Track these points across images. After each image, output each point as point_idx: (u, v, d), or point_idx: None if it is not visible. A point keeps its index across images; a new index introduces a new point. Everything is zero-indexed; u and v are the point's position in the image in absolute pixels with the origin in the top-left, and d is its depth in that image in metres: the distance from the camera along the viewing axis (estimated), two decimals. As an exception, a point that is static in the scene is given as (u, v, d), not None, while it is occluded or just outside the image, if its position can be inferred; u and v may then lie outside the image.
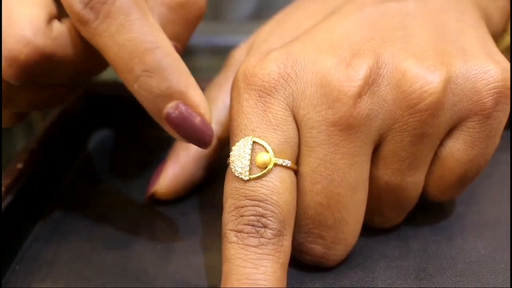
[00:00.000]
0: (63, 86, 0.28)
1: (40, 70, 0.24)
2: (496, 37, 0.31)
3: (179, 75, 0.23)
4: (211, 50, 0.41)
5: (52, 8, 0.24)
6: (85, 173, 0.35)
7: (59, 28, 0.24)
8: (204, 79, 0.33)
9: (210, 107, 0.31)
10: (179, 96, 0.23)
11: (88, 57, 0.25)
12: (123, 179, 0.34)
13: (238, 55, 0.31)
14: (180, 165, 0.30)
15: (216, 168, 0.32)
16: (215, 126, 0.30)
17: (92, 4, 0.22)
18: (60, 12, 0.25)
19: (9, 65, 0.23)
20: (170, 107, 0.23)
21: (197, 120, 0.24)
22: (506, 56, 0.26)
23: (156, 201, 0.31)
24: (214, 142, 0.24)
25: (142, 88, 0.23)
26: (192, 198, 0.32)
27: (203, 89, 0.32)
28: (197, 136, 0.24)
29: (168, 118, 0.24)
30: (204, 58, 0.40)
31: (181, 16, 0.27)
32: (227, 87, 0.30)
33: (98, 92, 0.37)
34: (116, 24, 0.22)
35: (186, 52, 0.29)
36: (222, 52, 0.34)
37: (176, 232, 0.30)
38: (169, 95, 0.23)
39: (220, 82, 0.31)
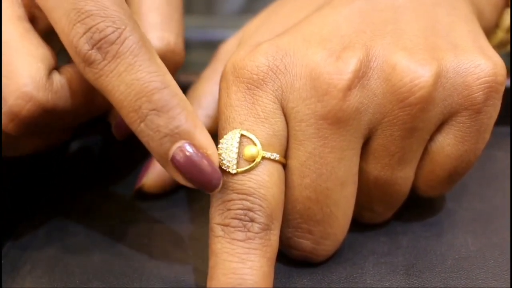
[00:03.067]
0: (62, 131, 0.28)
1: (41, 123, 0.24)
2: (488, 32, 0.31)
3: (187, 115, 0.22)
4: (203, 44, 0.40)
5: (51, 60, 0.24)
6: (72, 169, 0.35)
7: (59, 80, 0.24)
8: (195, 73, 0.33)
9: (199, 100, 0.31)
10: (187, 136, 0.22)
11: (88, 104, 0.25)
12: (110, 175, 0.34)
13: (227, 48, 0.31)
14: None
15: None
16: (204, 119, 0.30)
17: (100, 45, 0.22)
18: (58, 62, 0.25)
19: (10, 120, 0.23)
20: (177, 148, 0.22)
21: (205, 162, 0.22)
22: (497, 51, 0.26)
23: (143, 195, 0.31)
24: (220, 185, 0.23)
25: (149, 128, 0.22)
26: (179, 192, 0.32)
27: (193, 83, 0.32)
28: (204, 179, 0.23)
29: (174, 159, 0.22)
30: (195, 52, 0.39)
31: None
32: (216, 79, 0.29)
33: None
34: (125, 64, 0.22)
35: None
36: (214, 46, 0.34)
37: (163, 226, 0.30)
38: (177, 134, 0.22)
39: (209, 75, 0.31)
